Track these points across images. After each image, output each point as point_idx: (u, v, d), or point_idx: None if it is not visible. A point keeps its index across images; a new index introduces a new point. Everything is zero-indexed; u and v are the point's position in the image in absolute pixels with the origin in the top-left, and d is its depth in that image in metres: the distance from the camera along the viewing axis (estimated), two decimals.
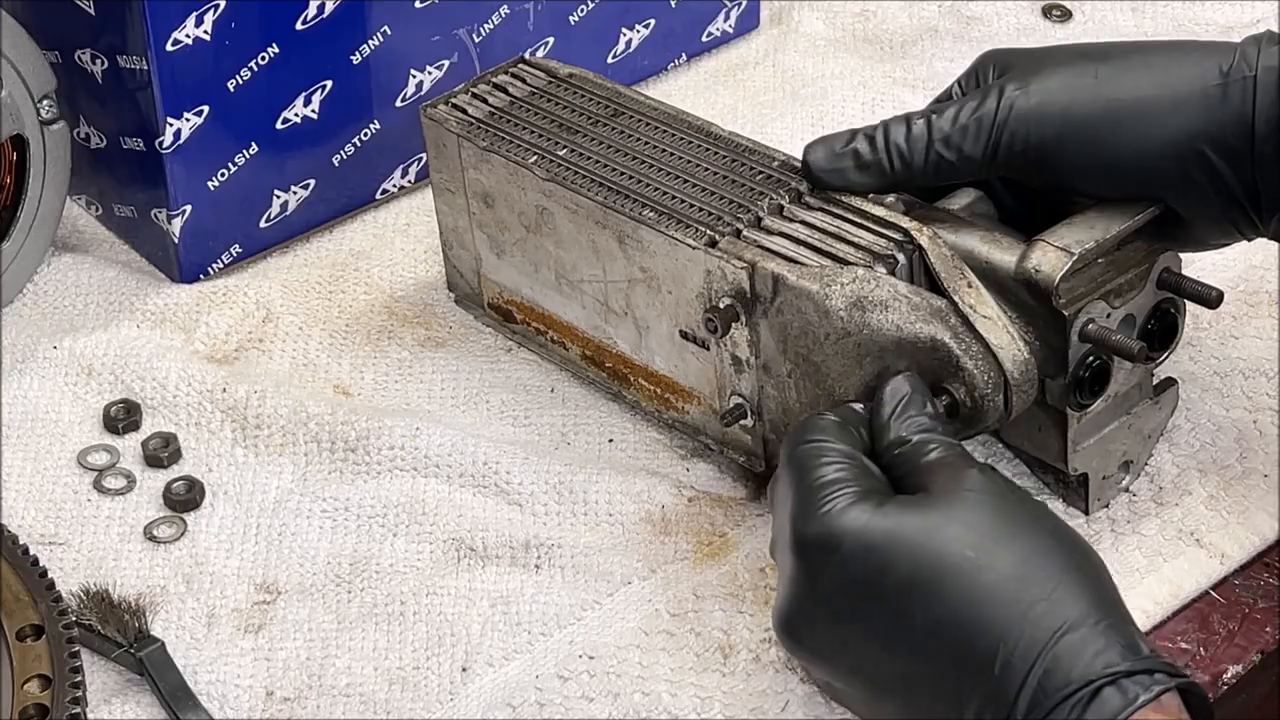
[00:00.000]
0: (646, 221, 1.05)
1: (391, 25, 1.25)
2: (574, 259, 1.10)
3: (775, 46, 1.45)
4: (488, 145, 1.12)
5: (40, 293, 1.25)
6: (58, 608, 0.96)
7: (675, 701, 0.97)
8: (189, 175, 1.21)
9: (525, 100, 1.15)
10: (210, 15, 1.17)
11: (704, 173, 1.08)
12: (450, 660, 0.99)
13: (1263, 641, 1.01)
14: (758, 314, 1.02)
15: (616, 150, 1.11)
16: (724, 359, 1.05)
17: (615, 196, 1.07)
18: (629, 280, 1.08)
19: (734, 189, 1.07)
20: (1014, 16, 1.47)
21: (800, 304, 1.00)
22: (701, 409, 1.09)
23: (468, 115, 1.15)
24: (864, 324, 0.98)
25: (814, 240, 1.02)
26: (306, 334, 1.21)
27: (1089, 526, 1.05)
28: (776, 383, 1.03)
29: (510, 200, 1.12)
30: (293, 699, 0.98)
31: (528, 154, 1.11)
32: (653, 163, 1.09)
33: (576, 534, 1.06)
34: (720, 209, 1.05)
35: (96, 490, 1.10)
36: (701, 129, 1.12)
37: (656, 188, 1.07)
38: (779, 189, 1.06)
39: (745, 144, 1.10)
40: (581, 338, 1.14)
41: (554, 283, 1.13)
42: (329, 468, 1.11)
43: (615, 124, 1.13)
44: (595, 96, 1.15)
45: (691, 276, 1.04)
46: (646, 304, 1.08)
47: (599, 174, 1.09)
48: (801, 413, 1.02)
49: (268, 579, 1.05)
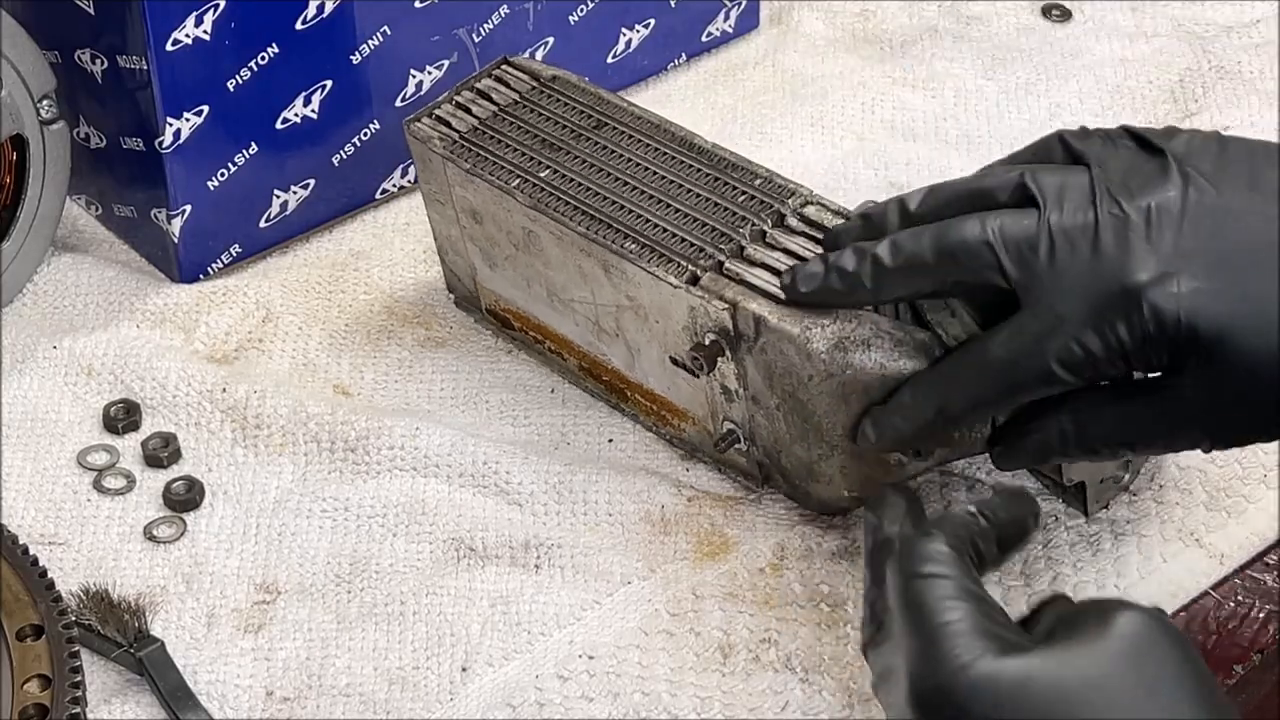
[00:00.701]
0: (629, 256, 1.05)
1: (391, 25, 1.25)
2: (563, 280, 1.10)
3: (775, 46, 1.45)
4: (471, 168, 1.11)
5: (40, 293, 1.25)
6: (58, 608, 0.96)
7: (675, 701, 0.97)
8: (189, 175, 1.21)
9: (508, 111, 1.14)
10: (210, 15, 1.17)
11: (686, 195, 1.07)
12: (450, 660, 0.99)
13: (1263, 641, 1.01)
14: (742, 350, 1.02)
15: (599, 170, 1.09)
16: (714, 388, 1.05)
17: (598, 226, 1.06)
18: (617, 306, 1.07)
19: (716, 213, 1.06)
20: (1014, 16, 1.47)
21: (782, 345, 0.99)
22: (697, 429, 1.09)
23: (451, 129, 1.13)
24: (847, 364, 0.98)
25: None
26: (306, 334, 1.21)
27: (1089, 527, 1.05)
28: (766, 413, 1.03)
29: (498, 220, 1.12)
30: (292, 699, 0.98)
31: (510, 178, 1.10)
32: (635, 184, 1.08)
33: (576, 534, 1.06)
34: (702, 238, 1.04)
35: (96, 490, 1.10)
36: (684, 141, 1.10)
37: (639, 215, 1.06)
38: (761, 212, 1.05)
39: (728, 158, 1.09)
40: (577, 351, 1.14)
41: (546, 299, 1.13)
42: (329, 468, 1.11)
43: (598, 137, 1.11)
44: (578, 105, 1.14)
45: (676, 309, 1.03)
46: (636, 329, 1.08)
47: (581, 200, 1.08)
48: (793, 444, 1.02)
49: (268, 579, 1.05)
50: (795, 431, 1.02)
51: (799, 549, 1.05)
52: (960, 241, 0.92)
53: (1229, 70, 1.40)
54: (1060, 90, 1.39)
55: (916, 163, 1.33)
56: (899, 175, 1.32)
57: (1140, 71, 1.41)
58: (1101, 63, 1.42)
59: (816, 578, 1.03)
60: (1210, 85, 1.39)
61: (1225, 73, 1.40)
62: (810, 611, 1.01)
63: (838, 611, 1.01)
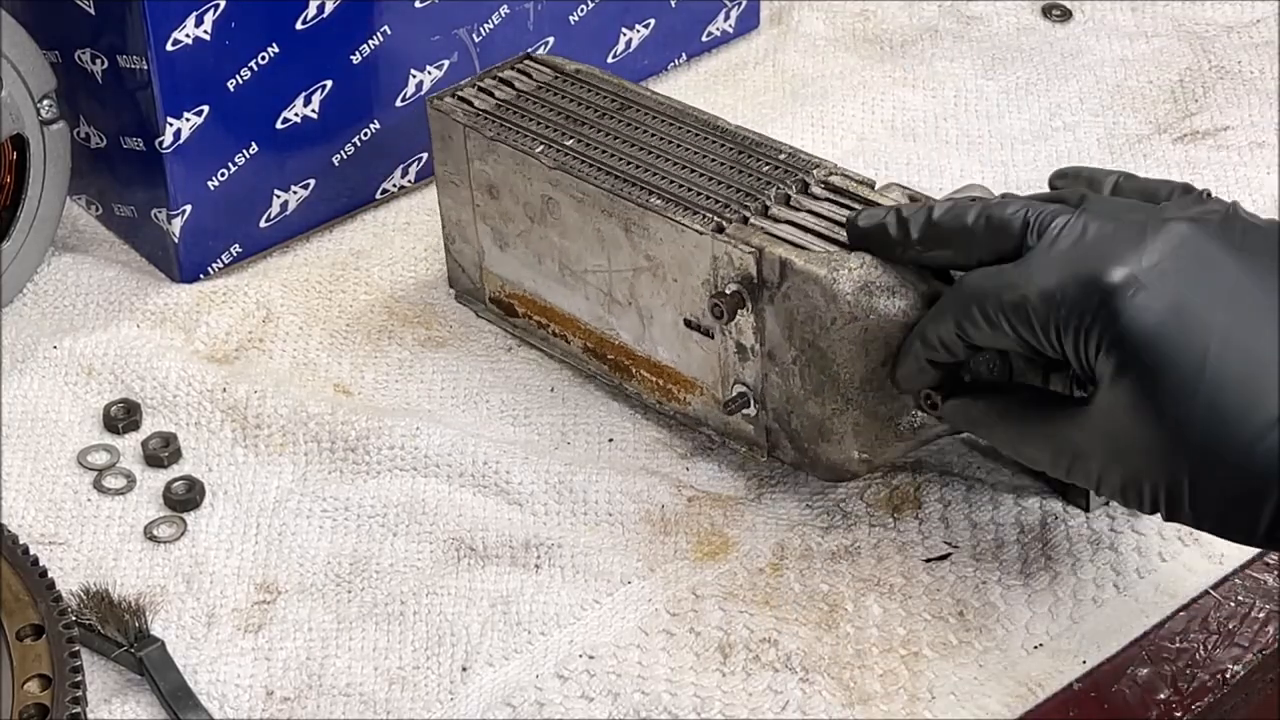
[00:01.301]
0: (653, 208, 1.06)
1: (392, 25, 1.25)
2: (579, 249, 1.11)
3: (775, 46, 1.45)
4: (494, 135, 1.12)
5: (40, 293, 1.25)
6: (58, 608, 0.96)
7: (675, 701, 0.97)
8: (189, 175, 1.22)
9: (532, 94, 1.16)
10: (210, 15, 1.17)
11: (711, 163, 1.08)
12: (450, 660, 0.99)
13: (1263, 641, 1.01)
14: (764, 300, 1.02)
15: (624, 140, 1.11)
16: (728, 347, 1.05)
17: (622, 184, 1.08)
18: (634, 269, 1.08)
19: (741, 178, 1.07)
20: (1014, 16, 1.47)
21: (807, 289, 1.00)
22: (704, 399, 1.09)
23: (474, 107, 1.15)
24: (871, 309, 0.98)
25: (821, 228, 1.03)
26: (306, 334, 1.21)
27: (1090, 525, 1.05)
28: (781, 370, 1.03)
29: (515, 191, 1.12)
30: (292, 699, 0.98)
31: (534, 143, 1.11)
32: (660, 153, 1.10)
33: (576, 534, 1.06)
34: (728, 197, 1.06)
35: (96, 490, 1.10)
36: (708, 122, 1.12)
37: (664, 176, 1.08)
38: (786, 179, 1.06)
39: (752, 137, 1.10)
40: (583, 330, 1.14)
41: (557, 274, 1.13)
42: (329, 467, 1.11)
43: (622, 116, 1.13)
44: (602, 91, 1.15)
45: (698, 263, 1.04)
46: (651, 293, 1.08)
47: (606, 163, 1.09)
48: (806, 401, 1.02)
49: (268, 579, 1.05)
50: (811, 385, 1.02)
51: (799, 549, 1.05)
52: (1002, 217, 0.96)
53: (1229, 70, 1.40)
54: (1060, 90, 1.40)
55: (916, 163, 1.33)
56: (899, 175, 1.32)
57: (1140, 71, 1.41)
58: (1101, 63, 1.42)
59: (816, 578, 1.03)
60: (1210, 85, 1.39)
61: (1225, 73, 1.40)
62: (810, 611, 1.01)
63: (837, 611, 1.01)
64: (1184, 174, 1.30)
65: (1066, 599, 1.02)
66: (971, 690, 0.97)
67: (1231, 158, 1.32)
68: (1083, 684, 0.98)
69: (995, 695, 0.97)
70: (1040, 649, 0.99)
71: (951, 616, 1.01)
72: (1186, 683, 0.98)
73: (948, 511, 1.07)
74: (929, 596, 1.02)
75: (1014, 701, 0.97)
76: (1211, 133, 1.34)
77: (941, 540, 1.05)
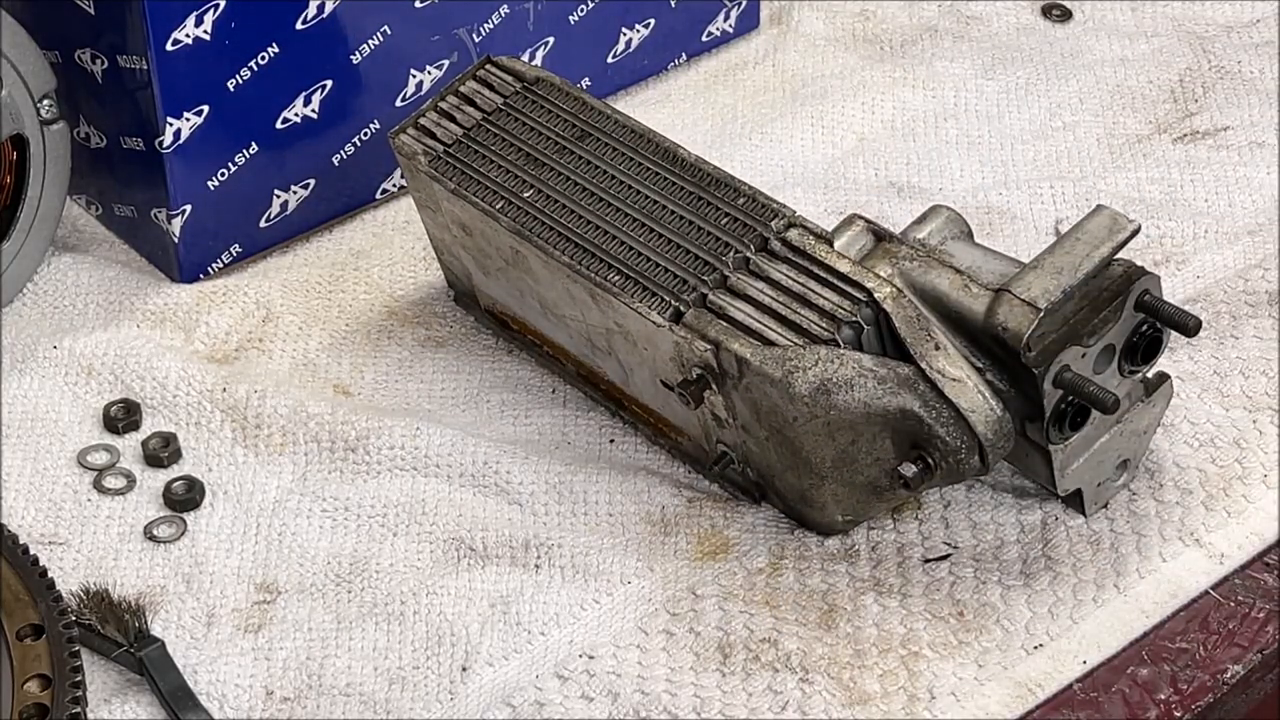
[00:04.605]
0: (612, 290, 1.04)
1: (391, 25, 1.25)
2: (553, 298, 1.10)
3: (775, 46, 1.45)
4: (455, 188, 1.11)
5: (40, 293, 1.25)
6: (58, 608, 0.96)
7: (674, 701, 0.97)
8: (189, 175, 1.22)
9: (492, 120, 1.13)
10: (210, 15, 1.17)
11: (669, 216, 1.07)
12: (450, 660, 0.99)
13: (1263, 641, 1.01)
14: (728, 386, 1.02)
15: (582, 189, 1.09)
16: (705, 414, 1.05)
17: (582, 255, 1.06)
18: (607, 329, 1.07)
19: (699, 238, 1.05)
20: (1014, 16, 1.47)
21: (765, 387, 0.99)
22: (693, 444, 1.09)
23: (436, 140, 1.13)
24: (831, 405, 0.98)
25: (779, 306, 1.01)
26: (306, 334, 1.21)
27: (1089, 527, 1.05)
28: (757, 442, 1.03)
29: (487, 236, 1.12)
30: (292, 699, 0.98)
31: (494, 199, 1.09)
32: (618, 205, 1.08)
33: (576, 534, 1.06)
34: (686, 267, 1.04)
35: (96, 490, 1.10)
36: (668, 153, 1.10)
37: (622, 242, 1.06)
38: (744, 236, 1.05)
39: (711, 174, 1.08)
40: (573, 359, 1.14)
41: (539, 311, 1.13)
42: (329, 468, 1.11)
43: (581, 150, 1.11)
44: (561, 114, 1.13)
45: (662, 343, 1.04)
46: (626, 352, 1.08)
47: (565, 224, 1.07)
48: (785, 472, 1.03)
49: (267, 579, 1.05)
50: (785, 462, 1.02)
51: (798, 550, 1.05)
52: None
53: (1229, 70, 1.40)
54: (1060, 90, 1.39)
55: (916, 162, 1.33)
56: (899, 175, 1.32)
57: (1140, 71, 1.41)
58: (1101, 63, 1.42)
59: (815, 578, 1.03)
60: (1210, 85, 1.39)
61: (1225, 73, 1.40)
62: (809, 611, 1.01)
63: (836, 611, 1.01)
64: (1184, 174, 1.30)
65: (1066, 599, 1.02)
66: (971, 691, 0.97)
67: (1231, 158, 1.32)
68: (1083, 684, 0.98)
69: (995, 695, 0.97)
70: (1040, 649, 0.99)
71: (951, 617, 1.01)
72: (1186, 683, 0.98)
73: (947, 511, 1.07)
74: (928, 597, 1.02)
75: (1014, 702, 0.97)
76: (1211, 133, 1.34)
77: (941, 540, 1.05)
